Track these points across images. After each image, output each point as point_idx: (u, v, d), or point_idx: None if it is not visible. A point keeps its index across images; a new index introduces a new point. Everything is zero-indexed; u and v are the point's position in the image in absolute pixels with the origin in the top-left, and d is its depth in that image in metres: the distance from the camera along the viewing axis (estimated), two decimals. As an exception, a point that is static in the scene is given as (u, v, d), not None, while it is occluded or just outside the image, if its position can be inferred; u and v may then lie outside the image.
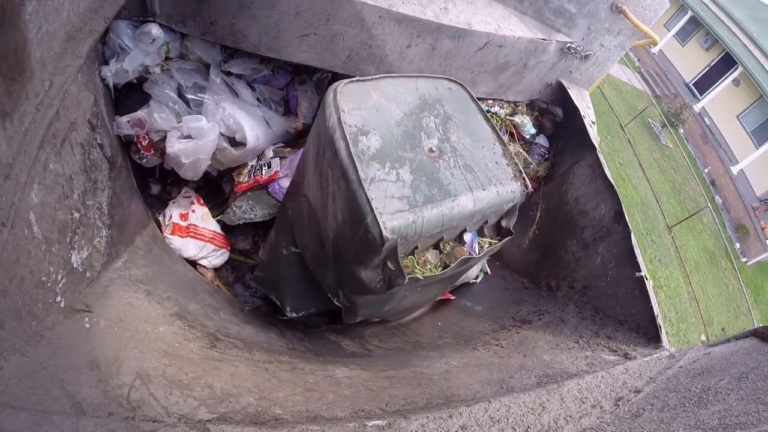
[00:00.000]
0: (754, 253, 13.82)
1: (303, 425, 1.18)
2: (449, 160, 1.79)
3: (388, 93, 1.84)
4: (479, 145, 1.90)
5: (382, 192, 1.58)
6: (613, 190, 2.33)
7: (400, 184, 1.63)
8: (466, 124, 1.94)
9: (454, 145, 1.85)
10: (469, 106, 2.00)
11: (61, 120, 1.44)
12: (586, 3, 2.41)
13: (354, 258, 1.74)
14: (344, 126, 1.63)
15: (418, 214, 1.60)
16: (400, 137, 1.75)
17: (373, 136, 1.69)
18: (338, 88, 1.74)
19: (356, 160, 1.57)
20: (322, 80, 2.90)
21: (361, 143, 1.64)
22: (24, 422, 0.98)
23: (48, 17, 1.27)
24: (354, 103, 1.73)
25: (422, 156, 1.75)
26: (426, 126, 1.83)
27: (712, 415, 1.13)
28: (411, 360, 2.14)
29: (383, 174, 1.61)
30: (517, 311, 2.57)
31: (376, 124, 1.73)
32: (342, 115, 1.66)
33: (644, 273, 2.04)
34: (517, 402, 1.39)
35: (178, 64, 2.21)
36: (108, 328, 1.51)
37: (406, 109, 1.84)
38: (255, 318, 2.54)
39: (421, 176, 1.69)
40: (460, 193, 1.72)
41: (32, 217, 1.27)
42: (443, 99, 1.96)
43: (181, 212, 2.60)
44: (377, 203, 1.54)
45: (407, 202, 1.60)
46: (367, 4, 1.98)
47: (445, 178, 1.73)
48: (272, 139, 2.62)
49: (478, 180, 1.79)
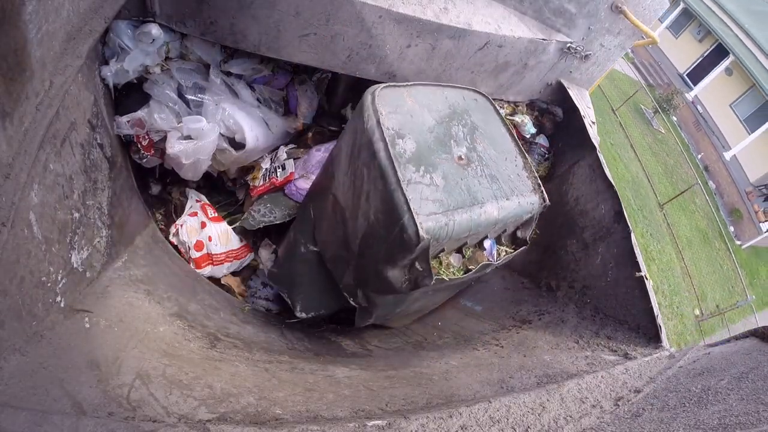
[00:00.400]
0: (748, 237, 14.01)
1: (303, 425, 1.18)
2: (476, 168, 1.87)
3: (420, 100, 1.90)
4: (503, 157, 1.98)
5: (418, 194, 1.65)
6: (613, 190, 2.33)
7: (434, 187, 1.71)
8: (490, 135, 2.01)
9: (480, 155, 1.91)
10: (493, 118, 2.06)
11: (61, 120, 1.44)
12: (586, 3, 2.40)
13: (385, 257, 1.79)
14: (383, 128, 1.68)
15: (450, 218, 1.68)
16: (432, 143, 1.82)
17: (408, 139, 1.76)
18: (376, 92, 1.79)
19: (395, 161, 1.64)
20: (322, 80, 2.90)
21: (398, 146, 1.71)
22: (24, 422, 0.98)
23: (48, 17, 1.27)
24: (390, 107, 1.79)
25: (453, 162, 1.82)
26: (455, 134, 1.90)
27: (712, 415, 1.13)
28: (411, 360, 2.14)
29: (419, 177, 1.69)
30: (517, 311, 2.57)
31: (411, 129, 1.80)
32: (381, 118, 1.71)
33: (644, 273, 2.04)
34: (517, 402, 1.39)
35: (178, 64, 2.21)
36: (108, 328, 1.51)
37: (437, 116, 1.91)
38: (255, 318, 2.54)
39: (452, 182, 1.77)
40: (487, 201, 1.80)
41: (32, 217, 1.27)
42: (470, 109, 2.02)
43: (196, 240, 2.59)
44: (414, 204, 1.61)
45: (441, 206, 1.68)
46: (367, 4, 1.98)
47: (473, 186, 1.81)
48: (272, 139, 2.62)
49: (502, 190, 1.87)
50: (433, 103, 1.93)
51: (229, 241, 2.70)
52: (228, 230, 2.70)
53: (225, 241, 2.68)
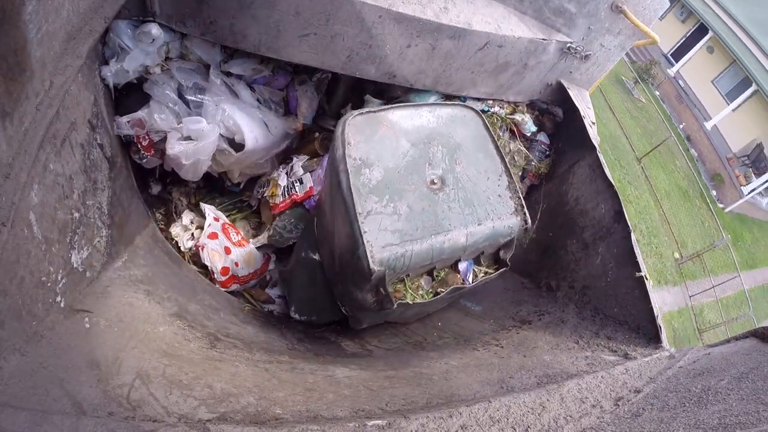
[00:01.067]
0: (731, 200, 14.41)
1: (303, 425, 1.18)
2: (450, 192, 1.85)
3: (397, 123, 1.88)
4: (484, 177, 1.94)
5: (376, 225, 1.67)
6: (613, 190, 2.33)
7: (396, 217, 1.72)
8: (474, 154, 1.97)
9: (457, 176, 1.89)
10: (481, 135, 2.02)
11: (61, 120, 1.44)
12: (586, 3, 2.40)
13: (351, 280, 1.84)
14: (348, 159, 1.72)
15: (408, 248, 1.70)
16: (403, 168, 1.81)
17: (376, 168, 1.77)
18: (348, 120, 1.80)
19: (354, 194, 1.68)
20: (322, 80, 2.90)
21: (363, 176, 1.73)
22: (24, 422, 0.98)
23: (48, 17, 1.27)
24: (362, 135, 1.79)
25: (423, 188, 1.81)
26: (432, 156, 1.88)
27: (712, 415, 1.13)
28: (411, 360, 2.14)
29: (380, 207, 1.71)
30: (517, 311, 2.57)
31: (381, 156, 1.80)
32: (347, 149, 1.74)
33: (644, 273, 2.04)
34: (517, 402, 1.39)
35: (178, 64, 2.21)
36: (108, 328, 1.51)
37: (414, 138, 1.89)
38: (255, 318, 2.54)
39: (418, 209, 1.77)
40: (454, 227, 1.79)
41: (32, 217, 1.27)
42: (456, 127, 1.98)
43: (222, 266, 2.61)
44: (369, 236, 1.65)
45: (399, 236, 1.70)
46: (367, 3, 1.98)
47: (441, 212, 1.80)
48: (271, 140, 2.62)
49: (475, 214, 1.85)
50: (411, 125, 1.91)
51: (254, 261, 2.75)
52: (252, 251, 2.73)
53: (251, 263, 2.72)
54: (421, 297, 1.88)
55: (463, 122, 2.01)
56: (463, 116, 2.01)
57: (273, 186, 2.69)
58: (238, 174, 2.84)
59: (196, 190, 2.96)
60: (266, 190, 2.67)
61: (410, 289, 1.87)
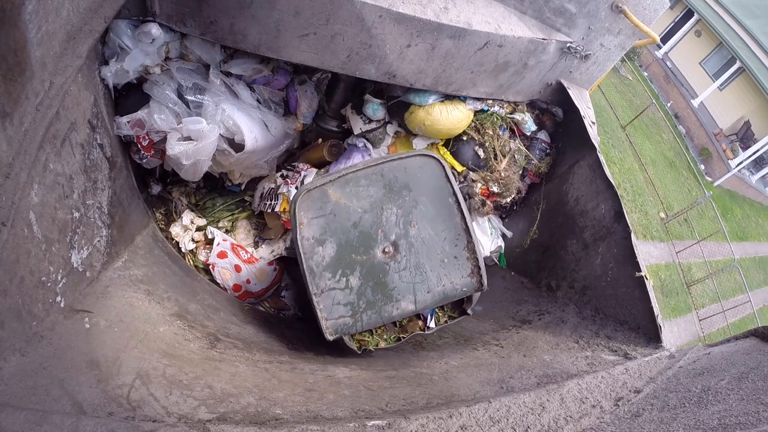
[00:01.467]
0: (719, 174, 14.72)
1: (303, 425, 1.18)
2: (401, 260, 1.89)
3: (348, 191, 1.87)
4: (441, 237, 1.91)
5: (330, 300, 1.83)
6: (613, 190, 2.32)
7: (348, 291, 1.84)
8: (432, 211, 1.92)
9: (411, 241, 1.90)
10: (441, 187, 1.93)
11: (61, 120, 1.44)
12: (586, 3, 2.40)
13: None
14: (301, 241, 1.81)
15: (358, 318, 1.85)
16: (356, 239, 1.86)
17: (329, 243, 1.84)
18: (298, 200, 1.82)
19: (309, 275, 1.81)
20: (321, 80, 2.89)
21: (317, 254, 1.82)
22: (24, 422, 0.98)
23: (48, 17, 1.27)
24: (314, 211, 1.84)
25: (374, 259, 1.87)
26: (386, 221, 1.88)
27: (712, 415, 1.13)
28: (411, 360, 2.14)
29: (333, 282, 1.84)
30: (517, 311, 2.57)
31: (333, 230, 1.85)
32: (300, 230, 1.81)
33: (644, 273, 2.04)
34: (517, 402, 1.39)
35: (177, 65, 2.21)
36: (108, 328, 1.51)
37: (367, 203, 1.88)
38: (255, 318, 2.54)
39: (368, 281, 1.86)
40: (403, 297, 1.87)
41: (32, 216, 1.27)
42: (412, 182, 1.91)
43: (234, 284, 2.69)
44: (324, 312, 1.82)
45: (351, 308, 1.84)
46: (367, 3, 1.98)
47: (391, 282, 1.87)
48: (271, 141, 2.62)
49: (425, 282, 1.89)
50: (364, 188, 1.88)
51: (266, 276, 2.80)
52: (263, 267, 2.78)
53: (263, 279, 2.77)
54: (385, 342, 1.99)
55: (423, 173, 1.92)
56: (421, 166, 1.92)
57: (285, 201, 2.72)
58: (239, 175, 2.85)
59: (196, 190, 2.96)
60: (276, 204, 2.69)
61: (374, 337, 2.00)
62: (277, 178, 2.87)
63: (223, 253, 2.70)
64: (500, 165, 2.81)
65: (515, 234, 3.10)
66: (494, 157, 2.82)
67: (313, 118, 2.89)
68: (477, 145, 2.85)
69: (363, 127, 2.88)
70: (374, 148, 2.99)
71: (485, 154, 2.84)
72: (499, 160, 2.82)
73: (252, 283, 2.71)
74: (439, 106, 2.64)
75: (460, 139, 2.86)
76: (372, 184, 1.89)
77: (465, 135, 2.82)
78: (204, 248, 2.79)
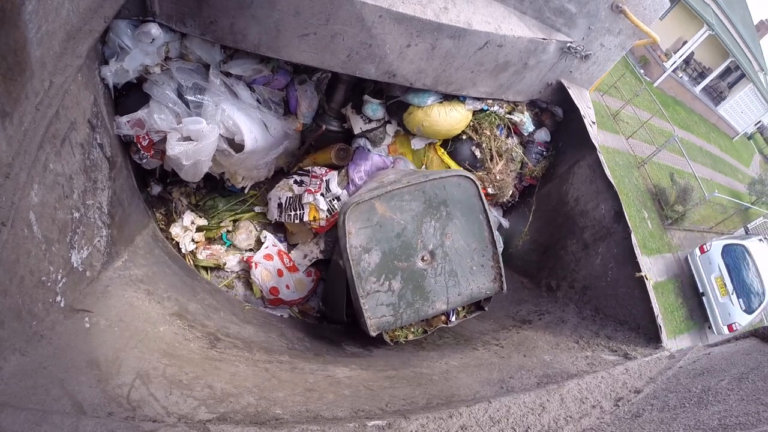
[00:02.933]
0: (657, 76, 16.53)
1: (303, 425, 1.18)
2: (437, 266, 2.10)
3: (393, 205, 2.05)
4: (471, 248, 2.15)
5: (374, 301, 2.03)
6: (613, 190, 2.32)
7: (390, 293, 2.05)
8: (465, 226, 2.13)
9: (446, 250, 2.11)
10: (473, 205, 2.14)
11: (60, 120, 1.44)
12: (587, 3, 2.40)
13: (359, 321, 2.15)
14: (350, 249, 1.97)
15: (398, 317, 2.07)
16: (398, 249, 2.05)
17: (375, 252, 2.02)
18: (347, 211, 1.97)
19: (357, 279, 1.98)
20: (321, 80, 2.89)
21: (363, 261, 2.00)
22: (24, 422, 0.98)
23: (48, 17, 1.27)
24: (361, 222, 2.00)
25: (414, 265, 2.08)
26: (425, 231, 2.09)
27: (712, 416, 1.13)
28: (411, 360, 2.14)
29: (378, 286, 2.03)
30: (517, 311, 2.57)
31: (378, 240, 2.02)
32: (349, 238, 1.97)
33: (644, 273, 2.04)
34: (517, 402, 1.39)
35: (177, 65, 2.21)
36: (108, 328, 1.51)
37: (409, 216, 2.07)
38: (255, 318, 2.54)
39: (408, 285, 2.07)
40: (437, 299, 2.11)
41: (32, 216, 1.27)
42: (449, 199, 2.11)
43: (271, 286, 2.77)
44: (369, 312, 2.01)
45: (392, 309, 2.05)
46: (367, 3, 1.98)
47: (428, 285, 2.09)
48: (271, 141, 2.62)
49: (457, 286, 2.13)
50: (407, 203, 2.06)
51: (304, 286, 2.88)
52: (302, 277, 2.87)
53: (300, 288, 2.86)
54: (413, 334, 2.24)
55: (458, 191, 2.11)
56: (458, 184, 2.11)
57: (312, 210, 2.80)
58: (241, 178, 2.86)
59: (196, 190, 2.96)
60: (304, 214, 2.80)
61: (404, 330, 2.23)
62: (292, 186, 2.90)
63: (270, 256, 2.82)
64: (495, 168, 2.83)
65: (513, 228, 3.12)
66: (490, 158, 2.83)
67: (313, 118, 2.89)
68: (474, 146, 2.86)
69: (363, 126, 2.88)
70: (375, 147, 3.00)
71: (482, 155, 2.85)
72: (495, 162, 2.83)
73: (290, 289, 2.82)
74: (437, 108, 2.64)
75: (458, 139, 2.86)
76: (414, 200, 2.07)
77: (463, 134, 2.83)
78: (204, 248, 2.79)
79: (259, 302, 2.82)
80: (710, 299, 8.88)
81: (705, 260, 9.11)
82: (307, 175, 2.93)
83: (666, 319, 8.67)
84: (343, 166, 2.99)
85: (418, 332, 2.24)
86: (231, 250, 2.89)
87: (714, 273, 8.89)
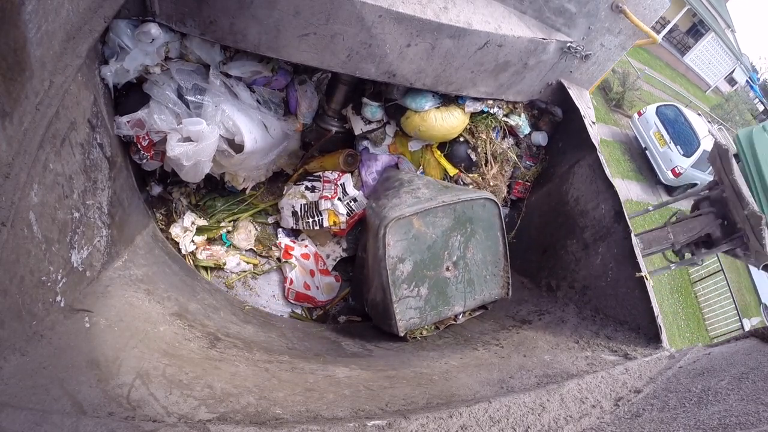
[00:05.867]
0: None
1: (303, 425, 1.18)
2: (458, 275, 2.41)
3: (427, 221, 2.31)
4: (487, 259, 2.47)
5: (404, 305, 2.31)
6: (613, 190, 2.32)
7: (418, 298, 2.34)
8: (484, 241, 2.45)
9: (467, 261, 2.42)
10: (493, 223, 2.46)
11: (60, 120, 1.44)
12: (587, 2, 2.40)
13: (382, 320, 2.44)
14: (387, 259, 2.22)
15: (423, 318, 2.37)
16: (428, 259, 2.33)
17: (408, 261, 2.28)
18: (388, 225, 2.21)
19: (392, 286, 2.24)
20: (321, 80, 2.89)
21: (398, 270, 2.27)
22: (24, 422, 0.98)
23: (47, 16, 1.27)
24: (399, 235, 2.26)
25: (441, 273, 2.37)
26: (451, 245, 2.37)
27: (712, 416, 1.13)
28: (411, 360, 2.14)
29: (408, 292, 2.31)
30: (517, 311, 2.57)
31: (412, 251, 2.29)
32: (387, 249, 2.22)
33: (644, 273, 2.04)
34: (517, 402, 1.39)
35: (177, 65, 2.21)
36: (108, 328, 1.51)
37: (440, 231, 2.34)
38: (255, 318, 2.54)
39: (434, 291, 2.37)
40: (456, 303, 2.43)
41: (32, 216, 1.27)
42: (474, 218, 2.41)
43: (305, 282, 2.89)
44: (399, 315, 2.29)
45: (419, 312, 2.35)
46: (367, 3, 1.98)
47: (450, 291, 2.41)
48: (270, 142, 2.62)
49: (473, 292, 2.47)
50: (439, 220, 2.33)
51: (332, 290, 2.98)
52: (332, 282, 2.97)
53: (328, 292, 2.96)
54: (426, 331, 2.49)
55: (483, 211, 2.41)
56: (483, 205, 2.42)
57: (332, 216, 2.87)
58: (242, 179, 2.85)
59: (196, 190, 2.96)
60: (323, 220, 2.88)
61: (421, 329, 2.47)
62: (304, 193, 2.91)
63: (307, 255, 2.91)
64: (489, 173, 2.84)
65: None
66: (485, 163, 2.85)
67: (312, 118, 2.89)
68: (470, 149, 2.87)
69: (363, 127, 2.88)
70: (376, 147, 3.00)
71: (477, 158, 2.86)
72: (489, 166, 2.85)
73: (320, 290, 2.91)
74: (434, 113, 2.64)
75: (455, 141, 2.88)
76: (446, 216, 2.34)
77: (460, 137, 2.84)
78: (204, 249, 2.79)
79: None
80: (652, 151, 10.50)
81: (643, 121, 10.81)
82: (319, 181, 2.93)
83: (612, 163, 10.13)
84: (351, 171, 3.00)
85: (430, 328, 2.48)
86: (231, 251, 2.88)
87: (652, 129, 10.50)
